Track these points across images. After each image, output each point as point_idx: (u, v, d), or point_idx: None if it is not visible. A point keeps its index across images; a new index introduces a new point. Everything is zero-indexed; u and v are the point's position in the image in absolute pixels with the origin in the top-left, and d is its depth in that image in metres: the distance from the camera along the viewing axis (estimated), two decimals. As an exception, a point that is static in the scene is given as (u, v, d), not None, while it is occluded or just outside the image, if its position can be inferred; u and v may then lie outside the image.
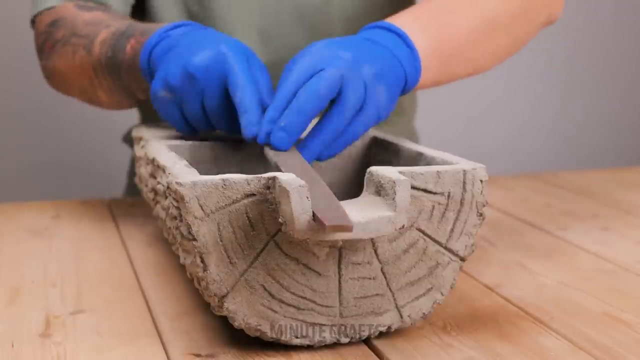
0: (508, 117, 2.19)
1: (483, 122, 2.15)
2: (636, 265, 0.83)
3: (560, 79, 2.22)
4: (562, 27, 2.17)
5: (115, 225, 0.97)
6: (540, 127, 2.23)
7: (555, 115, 2.24)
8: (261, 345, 0.63)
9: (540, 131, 2.23)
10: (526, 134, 2.22)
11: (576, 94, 2.24)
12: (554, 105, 2.23)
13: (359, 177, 0.82)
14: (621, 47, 2.25)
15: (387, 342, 0.64)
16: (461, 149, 1.89)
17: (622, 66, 2.26)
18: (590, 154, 2.27)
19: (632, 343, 0.65)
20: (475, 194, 0.64)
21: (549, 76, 2.21)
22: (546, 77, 2.21)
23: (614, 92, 2.27)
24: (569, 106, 2.25)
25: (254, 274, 0.60)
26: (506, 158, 2.18)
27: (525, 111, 2.21)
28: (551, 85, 2.22)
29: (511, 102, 2.17)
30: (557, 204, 1.08)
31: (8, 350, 0.63)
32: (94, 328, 0.67)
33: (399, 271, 0.63)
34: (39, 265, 0.83)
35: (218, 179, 0.58)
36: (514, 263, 0.84)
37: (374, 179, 0.61)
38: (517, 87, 2.16)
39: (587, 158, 2.25)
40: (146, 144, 0.80)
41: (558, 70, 2.22)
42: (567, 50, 2.20)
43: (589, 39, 2.22)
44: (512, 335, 0.66)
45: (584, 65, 2.23)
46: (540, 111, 2.22)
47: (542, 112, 2.23)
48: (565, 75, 2.23)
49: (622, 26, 2.24)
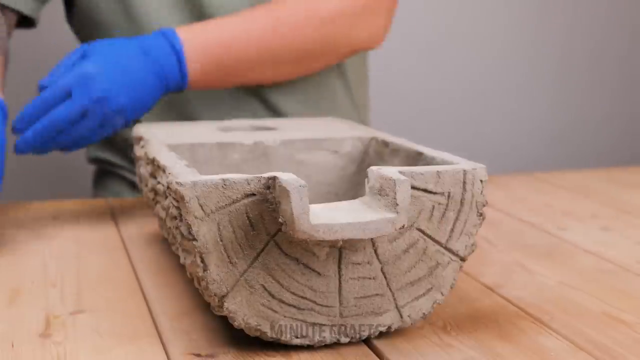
0: (508, 117, 2.19)
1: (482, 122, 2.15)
2: (636, 265, 0.83)
3: (560, 78, 2.22)
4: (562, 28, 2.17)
5: (115, 225, 0.97)
6: (540, 127, 2.23)
7: (555, 115, 2.24)
8: (261, 345, 0.63)
9: (540, 131, 2.23)
10: (526, 134, 2.22)
11: (576, 94, 2.24)
12: (554, 105, 2.23)
13: (359, 177, 0.82)
14: (621, 47, 2.25)
15: (387, 342, 0.64)
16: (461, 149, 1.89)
17: (622, 66, 2.26)
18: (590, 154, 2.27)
19: (632, 343, 0.65)
20: (475, 194, 0.64)
21: (549, 76, 2.21)
22: (546, 77, 2.21)
23: (614, 92, 2.28)
24: (569, 106, 2.25)
25: (254, 274, 0.60)
26: (506, 158, 2.18)
27: (525, 111, 2.21)
28: (551, 85, 2.22)
29: (511, 102, 2.17)
30: (556, 204, 1.08)
31: (8, 350, 0.63)
32: (94, 328, 0.67)
33: (399, 271, 0.63)
34: (39, 265, 0.83)
35: (218, 178, 0.58)
36: (514, 263, 0.84)
37: (374, 178, 0.61)
38: (517, 87, 2.16)
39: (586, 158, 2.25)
40: (146, 144, 0.80)
41: (558, 70, 2.22)
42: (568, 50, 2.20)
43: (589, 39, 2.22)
44: (512, 335, 0.66)
45: (584, 65, 2.23)
46: (540, 111, 2.22)
47: (542, 112, 2.22)
48: (566, 75, 2.23)
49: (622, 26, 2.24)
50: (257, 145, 0.82)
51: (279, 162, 0.82)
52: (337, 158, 0.83)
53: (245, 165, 0.82)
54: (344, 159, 0.83)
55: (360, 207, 0.60)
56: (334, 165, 0.83)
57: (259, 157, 0.82)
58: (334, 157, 0.83)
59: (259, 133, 0.86)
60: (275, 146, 0.82)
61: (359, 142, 0.83)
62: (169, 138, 0.82)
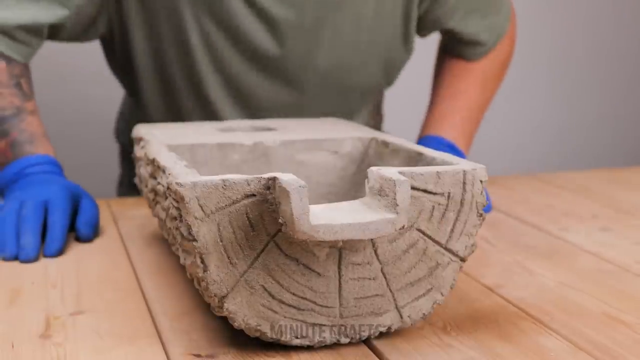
0: (508, 117, 2.19)
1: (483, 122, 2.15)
2: (636, 265, 0.83)
3: (560, 79, 2.22)
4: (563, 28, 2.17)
5: (115, 225, 0.97)
6: (541, 127, 2.23)
7: (555, 115, 2.24)
8: (261, 345, 0.63)
9: (540, 131, 2.23)
10: (526, 134, 2.22)
11: (576, 94, 2.24)
12: (554, 105, 2.23)
13: (359, 177, 0.82)
14: (621, 47, 2.25)
15: (387, 342, 0.64)
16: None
17: (623, 66, 2.26)
18: (590, 154, 2.27)
19: (632, 344, 0.65)
20: (475, 194, 0.64)
21: (549, 76, 2.21)
22: (546, 77, 2.21)
23: (615, 92, 2.27)
24: (569, 106, 2.24)
25: (254, 275, 0.60)
26: (506, 158, 2.18)
27: (525, 111, 2.21)
28: (551, 85, 2.22)
29: (511, 102, 2.17)
30: (557, 204, 1.08)
31: (8, 351, 0.63)
32: (94, 329, 0.67)
33: (399, 271, 0.63)
34: (39, 265, 0.83)
35: (218, 179, 0.58)
36: (514, 263, 0.84)
37: (374, 179, 0.61)
38: (518, 87, 2.16)
39: (586, 158, 2.25)
40: (146, 145, 0.80)
41: (558, 71, 2.22)
42: (568, 50, 2.20)
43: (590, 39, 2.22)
44: (512, 335, 0.66)
45: (584, 65, 2.23)
46: (541, 111, 2.22)
47: (543, 112, 2.22)
48: (566, 76, 2.23)
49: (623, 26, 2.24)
50: (257, 145, 0.82)
51: (279, 163, 0.82)
52: (337, 158, 0.83)
53: (245, 165, 0.82)
54: (344, 160, 0.83)
55: (360, 207, 0.60)
56: (334, 166, 0.83)
57: (259, 157, 0.82)
58: (334, 157, 0.83)
59: (259, 134, 0.86)
60: (275, 147, 0.82)
61: (359, 143, 0.83)
62: (169, 139, 0.82)
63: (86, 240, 0.91)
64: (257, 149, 0.82)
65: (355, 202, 0.61)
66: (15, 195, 0.92)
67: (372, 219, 0.58)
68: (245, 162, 0.82)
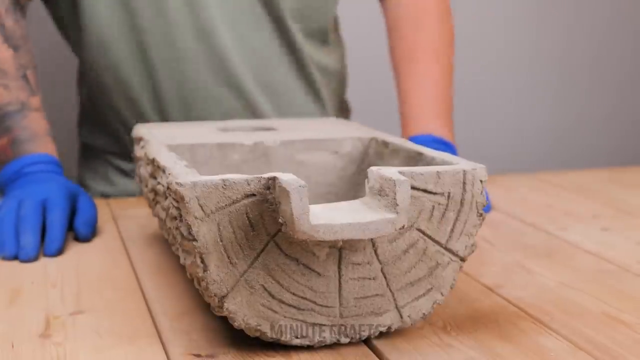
0: (508, 117, 2.19)
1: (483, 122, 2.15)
2: (636, 265, 0.83)
3: (560, 78, 2.22)
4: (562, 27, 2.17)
5: (115, 225, 0.97)
6: (540, 127, 2.23)
7: (555, 115, 2.24)
8: (261, 345, 0.63)
9: (540, 131, 2.23)
10: (526, 134, 2.22)
11: (577, 95, 2.24)
12: (554, 105, 2.23)
13: (359, 177, 0.82)
14: (623, 48, 2.25)
15: (387, 342, 0.64)
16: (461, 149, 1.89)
17: (622, 66, 2.26)
18: (589, 154, 2.27)
19: (632, 344, 0.65)
20: (475, 194, 0.64)
21: (549, 76, 2.21)
22: (546, 77, 2.21)
23: (615, 93, 2.27)
24: (569, 106, 2.25)
25: (254, 274, 0.60)
26: (507, 158, 2.18)
27: (525, 111, 2.21)
28: (551, 85, 2.22)
29: (511, 102, 2.17)
30: (557, 204, 1.08)
31: (8, 351, 0.63)
32: (94, 328, 0.67)
33: (399, 271, 0.63)
34: (39, 265, 0.83)
35: (218, 179, 0.58)
36: (514, 263, 0.84)
37: (374, 179, 0.61)
38: (518, 87, 2.16)
39: (586, 158, 2.25)
40: (146, 145, 0.80)
41: (558, 70, 2.22)
42: (568, 50, 2.20)
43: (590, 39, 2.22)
44: (512, 335, 0.66)
45: (585, 65, 2.23)
46: (541, 111, 2.22)
47: (542, 112, 2.22)
48: (566, 75, 2.23)
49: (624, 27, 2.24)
50: (257, 145, 0.82)
51: (279, 163, 0.82)
52: (337, 158, 0.83)
53: (245, 165, 0.82)
54: (344, 160, 0.83)
55: (360, 207, 0.60)
56: (334, 166, 0.83)
57: (259, 157, 0.82)
58: (333, 157, 0.83)
59: (259, 133, 0.86)
60: (275, 147, 0.82)
61: (359, 143, 0.83)
62: (169, 138, 0.82)
63: (84, 240, 0.91)
64: (257, 148, 0.82)
65: (355, 202, 0.61)
66: (13, 194, 0.92)
67: (372, 218, 0.58)
68: (245, 162, 0.82)
